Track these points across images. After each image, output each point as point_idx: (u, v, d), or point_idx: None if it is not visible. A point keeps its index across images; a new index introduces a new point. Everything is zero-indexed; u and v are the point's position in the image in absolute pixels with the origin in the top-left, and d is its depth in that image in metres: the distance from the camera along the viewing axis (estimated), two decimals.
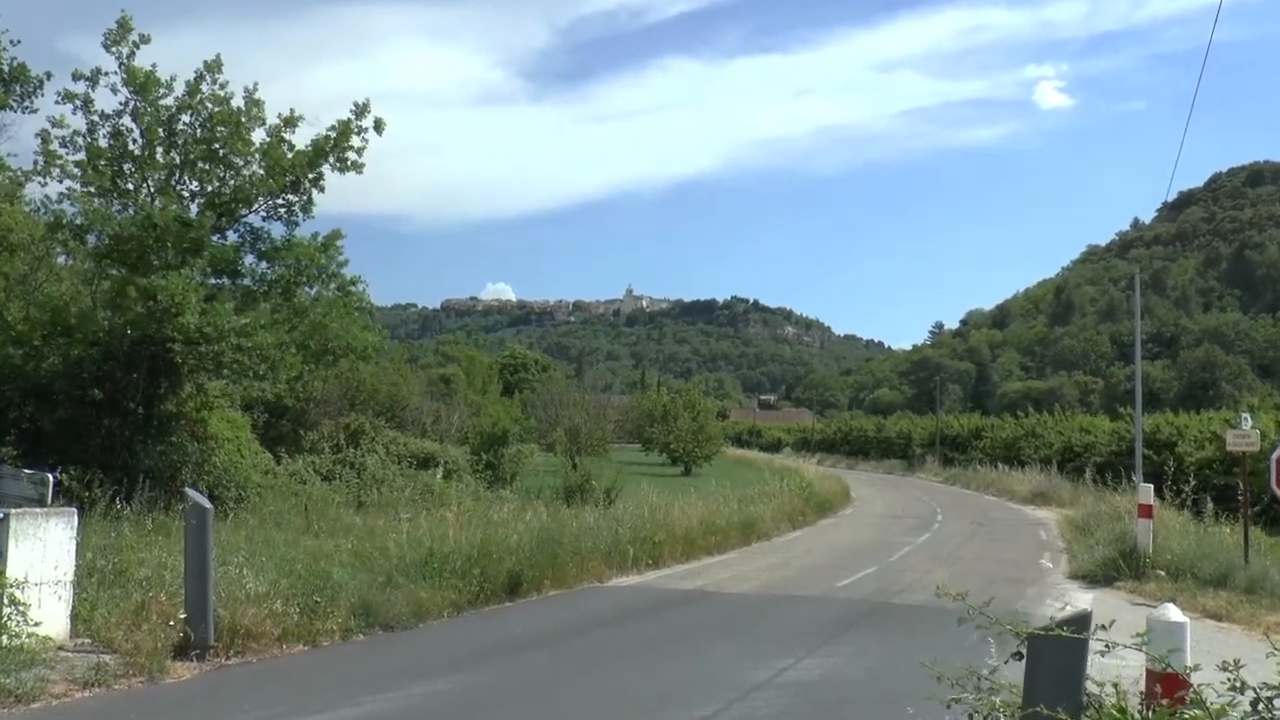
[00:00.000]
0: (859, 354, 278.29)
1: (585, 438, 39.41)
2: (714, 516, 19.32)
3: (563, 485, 21.96)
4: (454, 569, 11.85)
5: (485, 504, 18.43)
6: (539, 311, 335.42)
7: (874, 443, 62.33)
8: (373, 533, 13.56)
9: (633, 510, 17.94)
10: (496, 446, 26.46)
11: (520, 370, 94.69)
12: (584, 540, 14.83)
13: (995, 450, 43.68)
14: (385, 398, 33.81)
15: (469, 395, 57.93)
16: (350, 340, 16.03)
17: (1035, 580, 15.61)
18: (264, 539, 12.31)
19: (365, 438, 22.90)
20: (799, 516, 24.12)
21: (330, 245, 16.48)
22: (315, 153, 15.98)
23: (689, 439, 47.67)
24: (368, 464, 20.97)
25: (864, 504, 31.81)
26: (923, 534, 22.74)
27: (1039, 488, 33.48)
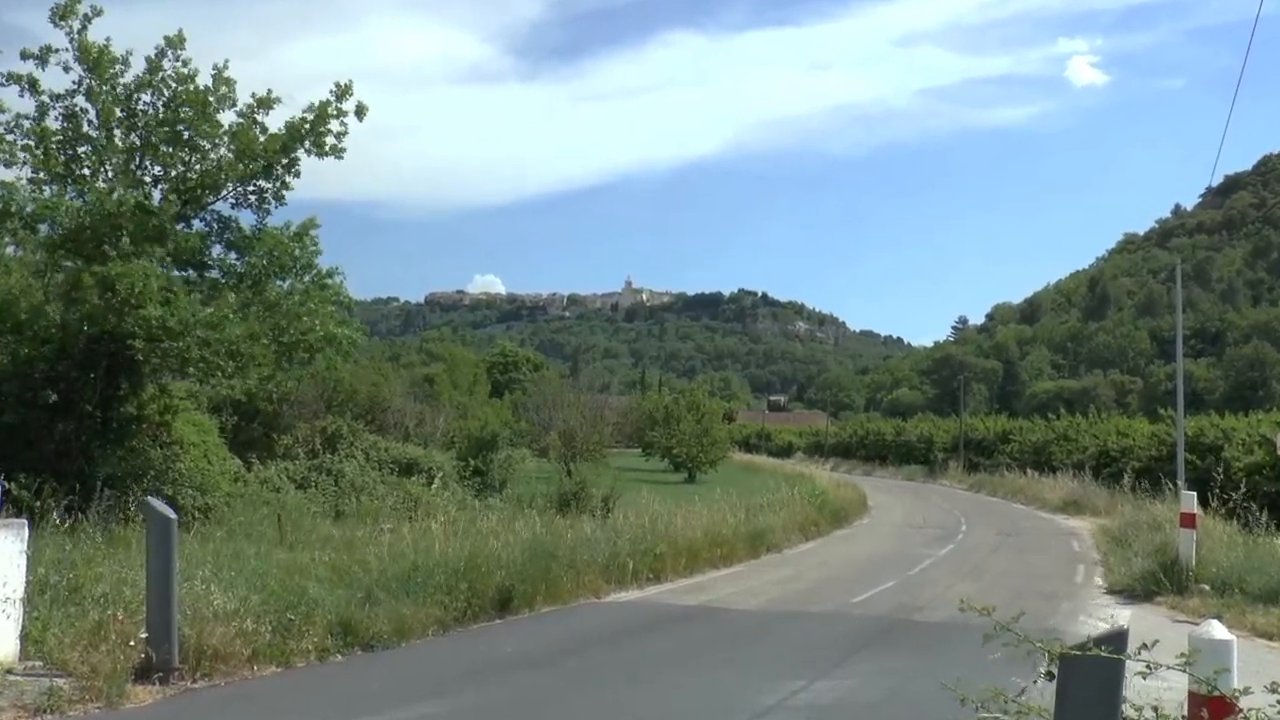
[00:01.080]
0: (876, 351, 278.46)
1: (581, 442, 39.41)
2: (720, 527, 19.31)
3: (557, 493, 21.94)
4: (439, 584, 11.83)
5: (473, 513, 18.40)
6: (531, 306, 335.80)
7: (893, 447, 62.32)
8: (351, 545, 13.54)
9: (632, 520, 17.92)
10: (485, 451, 26.44)
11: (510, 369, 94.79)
12: (580, 552, 14.81)
13: (1024, 455, 43.66)
14: (365, 399, 33.82)
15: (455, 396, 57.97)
16: (326, 336, 16.00)
17: (1068, 595, 15.60)
18: (233, 552, 12.28)
19: (343, 442, 22.87)
20: (811, 526, 24.10)
21: (304, 234, 16.46)
22: (290, 136, 15.95)
23: (693, 443, 47.69)
24: (346, 470, 20.94)
25: (882, 513, 31.78)
26: (945, 545, 22.72)
27: (1071, 495, 33.45)
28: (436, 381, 61.98)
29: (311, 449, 22.00)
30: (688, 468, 47.53)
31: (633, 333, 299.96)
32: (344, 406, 29.47)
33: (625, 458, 52.88)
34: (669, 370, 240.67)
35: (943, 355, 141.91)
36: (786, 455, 79.58)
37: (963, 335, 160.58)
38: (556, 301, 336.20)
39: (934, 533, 25.77)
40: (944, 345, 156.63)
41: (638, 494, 21.92)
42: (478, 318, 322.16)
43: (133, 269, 13.97)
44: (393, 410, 36.48)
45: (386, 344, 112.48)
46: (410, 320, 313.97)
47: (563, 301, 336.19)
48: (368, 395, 34.18)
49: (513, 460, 27.74)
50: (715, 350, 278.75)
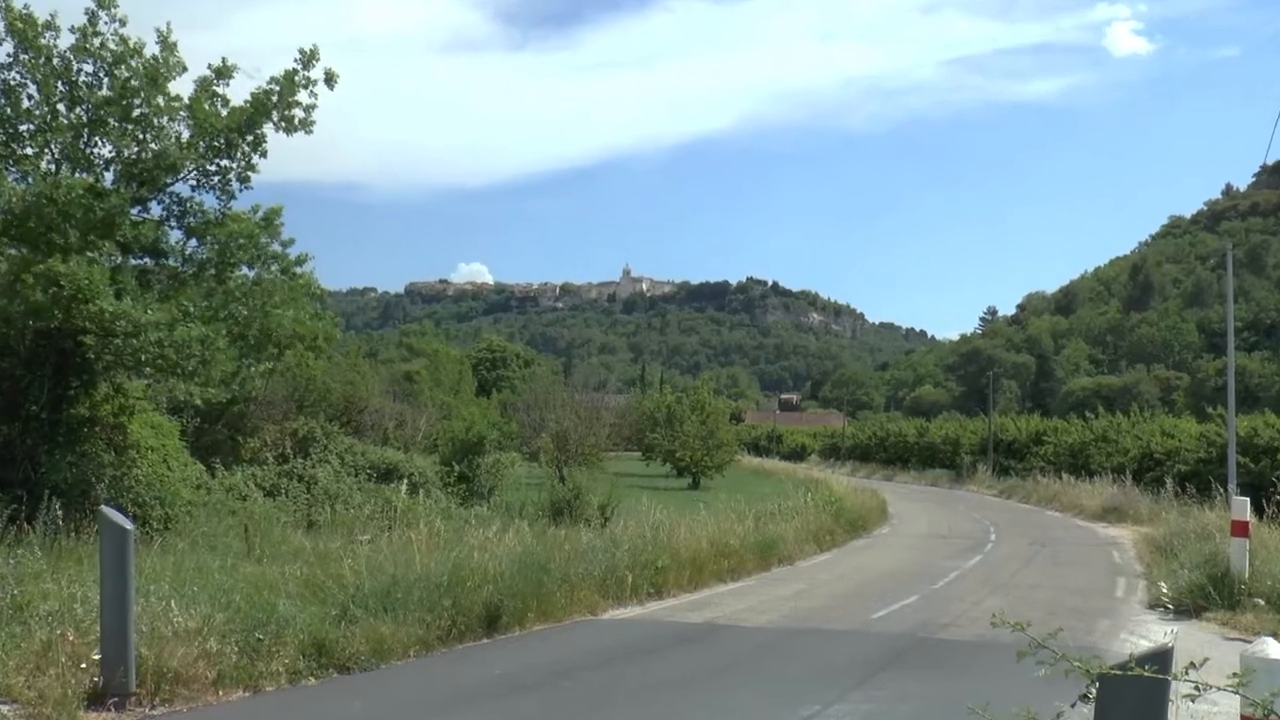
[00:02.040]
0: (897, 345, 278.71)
1: (575, 445, 39.39)
2: (727, 537, 19.33)
3: (549, 501, 21.95)
4: (421, 600, 11.84)
5: (458, 523, 18.39)
6: (520, 296, 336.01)
7: (915, 450, 62.35)
8: (325, 557, 13.53)
9: (632, 530, 17.93)
10: (471, 455, 26.46)
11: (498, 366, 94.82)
12: (575, 566, 14.83)
13: (1059, 458, 43.68)
14: (339, 399, 33.79)
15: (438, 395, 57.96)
16: (297, 331, 16.00)
17: (1107, 611, 15.60)
18: (195, 565, 12.28)
19: (316, 446, 22.86)
20: (827, 537, 24.12)
21: (272, 219, 16.44)
22: (254, 110, 15.91)
23: (697, 446, 47.70)
24: (319, 476, 20.95)
25: (903, 521, 31.81)
26: (973, 556, 22.74)
27: (1111, 502, 33.45)
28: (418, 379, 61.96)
29: (281, 453, 21.99)
30: (692, 473, 47.55)
31: (631, 325, 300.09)
32: (316, 407, 29.45)
33: (624, 462, 52.89)
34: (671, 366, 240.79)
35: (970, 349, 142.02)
36: (799, 459, 79.59)
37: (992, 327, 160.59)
38: (548, 292, 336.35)
39: (960, 543, 25.77)
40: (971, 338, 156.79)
41: (637, 501, 21.92)
42: (462, 309, 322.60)
43: (78, 266, 13.87)
44: (370, 411, 36.46)
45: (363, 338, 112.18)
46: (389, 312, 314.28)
47: (555, 292, 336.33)
48: (342, 394, 34.15)
49: (501, 465, 27.75)
50: (721, 344, 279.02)
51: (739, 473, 52.53)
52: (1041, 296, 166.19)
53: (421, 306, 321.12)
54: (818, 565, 21.03)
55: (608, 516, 20.69)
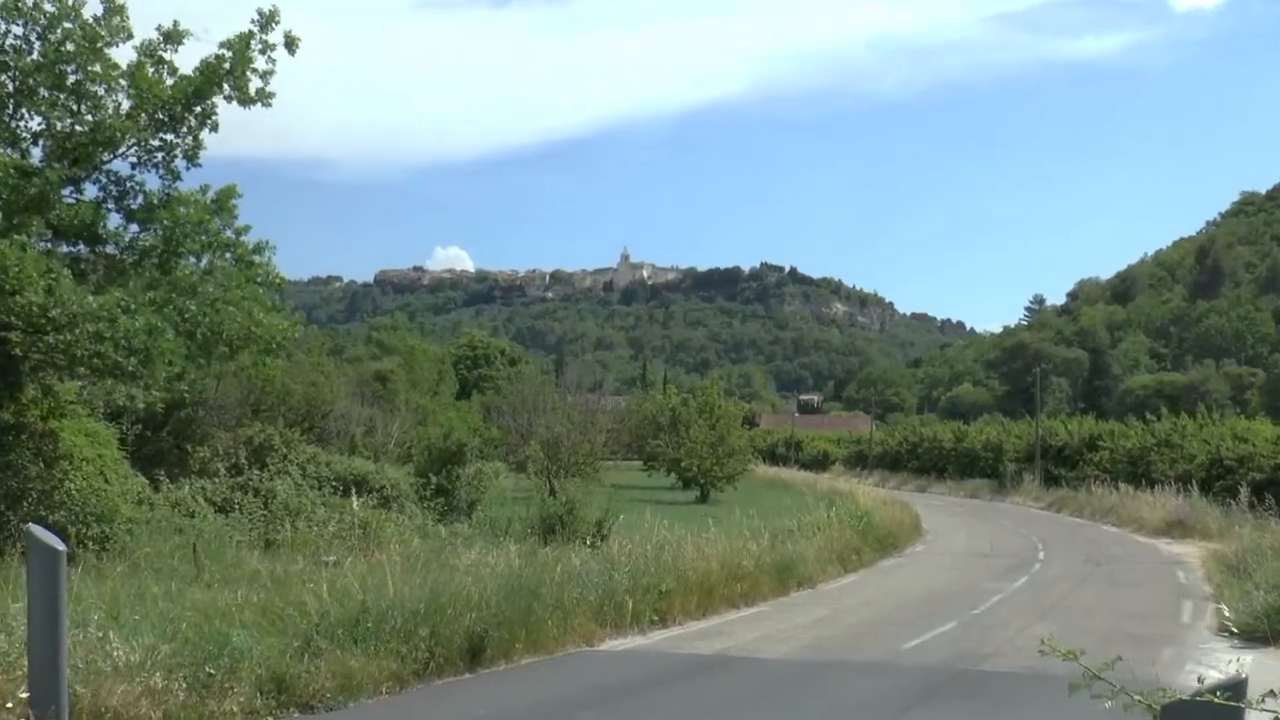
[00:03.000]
0: (931, 339, 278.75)
1: (568, 453, 39.39)
2: (740, 557, 19.33)
3: (539, 517, 21.94)
4: (395, 629, 11.84)
5: (436, 542, 18.40)
6: (505, 286, 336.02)
7: (952, 457, 62.33)
8: (285, 582, 13.53)
9: (632, 549, 17.92)
10: (450, 466, 26.43)
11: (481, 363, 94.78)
12: (568, 590, 14.83)
13: (1116, 465, 43.66)
14: (301, 402, 33.83)
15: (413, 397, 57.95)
16: (252, 326, 15.98)
17: (1172, 638, 15.60)
18: (137, 591, 12.27)
19: (274, 455, 22.87)
20: (852, 556, 24.11)
21: (224, 201, 16.44)
22: (204, 79, 15.89)
23: (706, 454, 47.67)
24: (278, 490, 20.96)
25: (939, 538, 31.81)
26: (1018, 577, 22.73)
27: (1176, 515, 33.43)
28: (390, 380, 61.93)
29: (235, 464, 22.00)
30: (700, 484, 47.52)
31: (631, 318, 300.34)
32: (275, 411, 29.43)
33: (623, 472, 52.86)
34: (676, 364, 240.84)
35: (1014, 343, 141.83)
36: (821, 468, 79.53)
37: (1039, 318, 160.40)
38: (537, 280, 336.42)
39: (1004, 562, 25.76)
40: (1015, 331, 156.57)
41: (639, 517, 21.91)
42: (440, 300, 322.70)
43: (6, 253, 13.85)
44: (335, 416, 36.49)
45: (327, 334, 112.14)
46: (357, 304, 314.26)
47: (544, 280, 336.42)
48: (304, 397, 34.18)
49: (484, 476, 27.73)
50: (733, 339, 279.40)
51: (753, 484, 52.49)
52: (1095, 283, 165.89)
53: (393, 297, 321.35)
54: (842, 588, 21.00)
55: (605, 534, 20.68)
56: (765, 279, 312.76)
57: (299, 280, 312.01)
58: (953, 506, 47.23)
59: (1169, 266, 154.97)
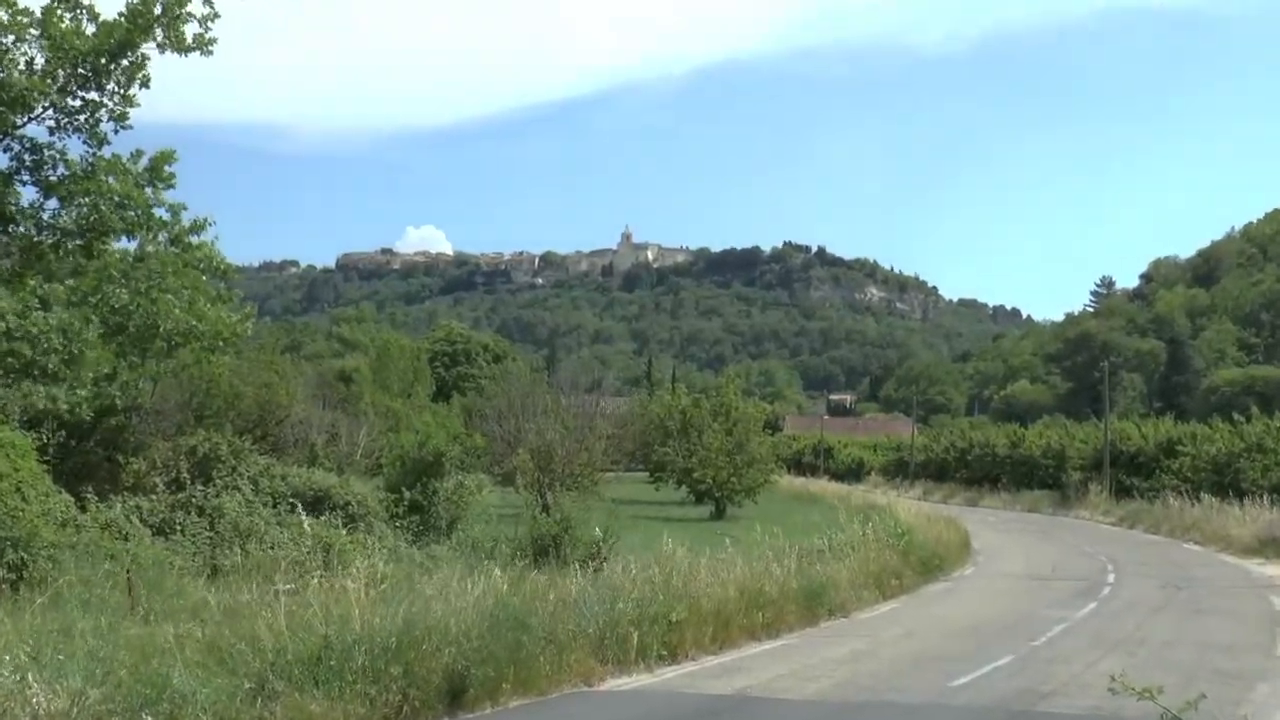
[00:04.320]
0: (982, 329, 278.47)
1: (562, 464, 39.35)
2: (761, 582, 19.33)
3: (529, 537, 21.94)
4: (362, 668, 11.84)
5: (409, 567, 18.36)
6: (488, 270, 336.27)
7: (1007, 465, 62.31)
8: (235, 614, 13.52)
9: (637, 574, 17.89)
10: (425, 478, 26.41)
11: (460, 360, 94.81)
12: (563, 621, 14.84)
13: (1199, 474, 43.59)
14: (252, 406, 33.79)
15: (382, 400, 57.96)
16: (193, 319, 15.95)
17: (1266, 673, 15.57)
18: (61, 627, 12.25)
19: (221, 468, 22.84)
20: (892, 580, 24.13)
21: (160, 171, 16.41)
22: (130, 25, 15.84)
23: (722, 463, 47.64)
24: (226, 508, 20.93)
25: (992, 559, 31.82)
26: (1085, 604, 22.72)
27: (1270, 531, 33.37)
28: (356, 379, 61.98)
29: (175, 478, 21.96)
30: (715, 498, 47.51)
31: (634, 307, 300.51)
32: (222, 417, 29.41)
33: (626, 485, 52.81)
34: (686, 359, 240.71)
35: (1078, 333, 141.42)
36: (855, 479, 79.46)
37: (1107, 304, 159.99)
38: (525, 264, 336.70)
39: (1068, 586, 25.75)
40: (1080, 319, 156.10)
41: (644, 536, 21.92)
42: (412, 288, 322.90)
43: None
44: (293, 422, 36.46)
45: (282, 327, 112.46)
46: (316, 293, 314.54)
47: (533, 264, 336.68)
48: (256, 401, 34.13)
49: (465, 491, 27.70)
50: (752, 330, 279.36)
51: (776, 497, 52.44)
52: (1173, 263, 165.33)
53: (359, 285, 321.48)
54: (880, 617, 21.01)
55: (605, 556, 20.67)
56: (789, 261, 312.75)
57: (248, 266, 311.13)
58: (1008, 522, 47.19)
59: (1260, 243, 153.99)
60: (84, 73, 15.82)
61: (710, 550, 20.53)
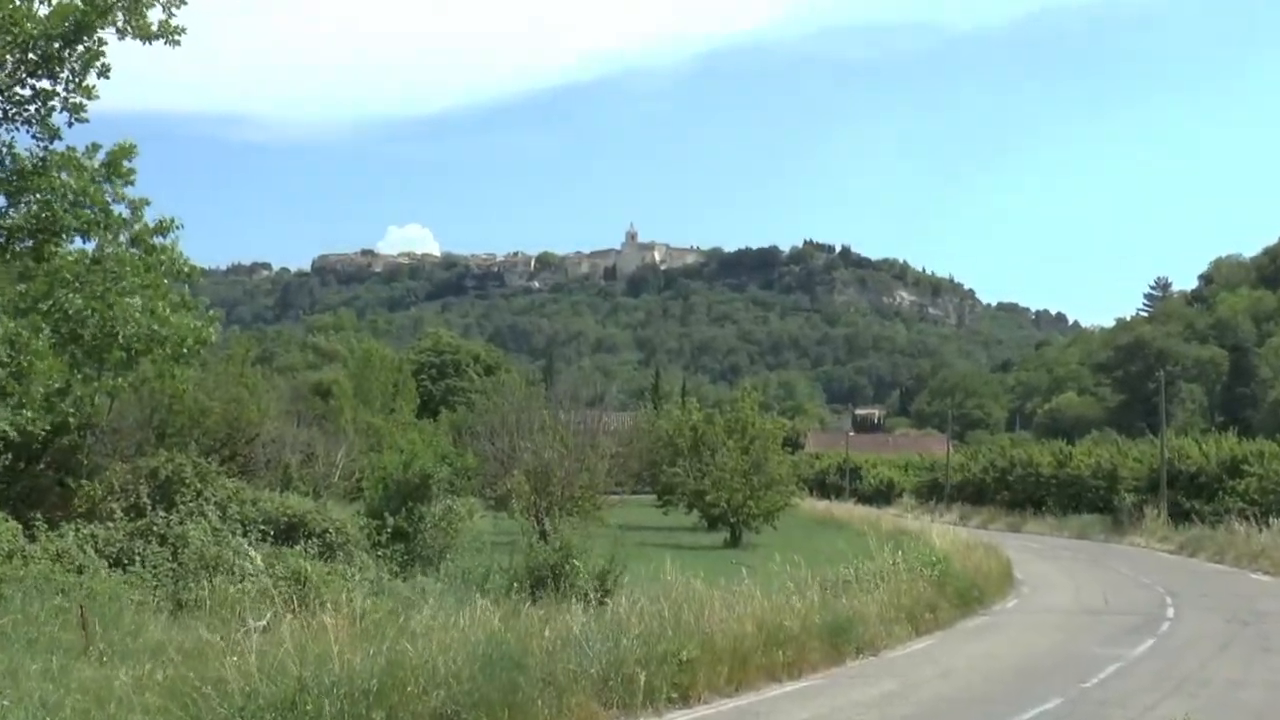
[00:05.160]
0: (1024, 336, 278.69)
1: (562, 486, 39.34)
2: (781, 616, 19.29)
3: (525, 567, 21.91)
4: (340, 714, 11.81)
5: (393, 602, 18.33)
6: (479, 273, 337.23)
7: (1053, 486, 62.22)
8: (200, 654, 13.48)
9: (644, 607, 17.85)
10: (411, 503, 26.39)
11: (449, 372, 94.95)
12: (562, 660, 14.80)
13: (1267, 496, 43.46)
14: (219, 424, 33.81)
15: (362, 416, 58.04)
16: (155, 327, 15.94)
17: None
18: (7, 668, 12.23)
19: (185, 492, 22.84)
20: (926, 614, 24.07)
21: (118, 164, 16.40)
22: (88, 8, 15.85)
23: (737, 485, 47.58)
24: (190, 537, 20.90)
25: (1038, 590, 31.78)
26: (1142, 641, 22.63)
27: None
28: (334, 394, 62.04)
29: (134, 504, 21.96)
30: (730, 524, 47.45)
31: (640, 313, 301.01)
32: (186, 436, 29.44)
33: (632, 509, 52.75)
34: (698, 371, 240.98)
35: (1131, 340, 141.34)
36: (885, 501, 79.38)
37: (1163, 308, 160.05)
38: (519, 265, 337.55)
39: (1122, 621, 25.67)
40: (1133, 324, 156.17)
41: (653, 565, 21.82)
42: (396, 292, 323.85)
43: None
44: (264, 441, 36.48)
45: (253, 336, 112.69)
46: (290, 298, 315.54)
47: (529, 265, 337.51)
48: (224, 418, 34.18)
49: (455, 516, 27.66)
50: (769, 338, 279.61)
51: (798, 522, 52.36)
52: (1237, 263, 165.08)
53: (337, 289, 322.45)
54: (913, 655, 20.94)
55: (609, 588, 20.64)
56: (810, 261, 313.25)
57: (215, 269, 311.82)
58: (1054, 550, 47.09)
59: None
60: (35, 58, 15.83)
61: (725, 581, 20.48)
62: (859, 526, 46.75)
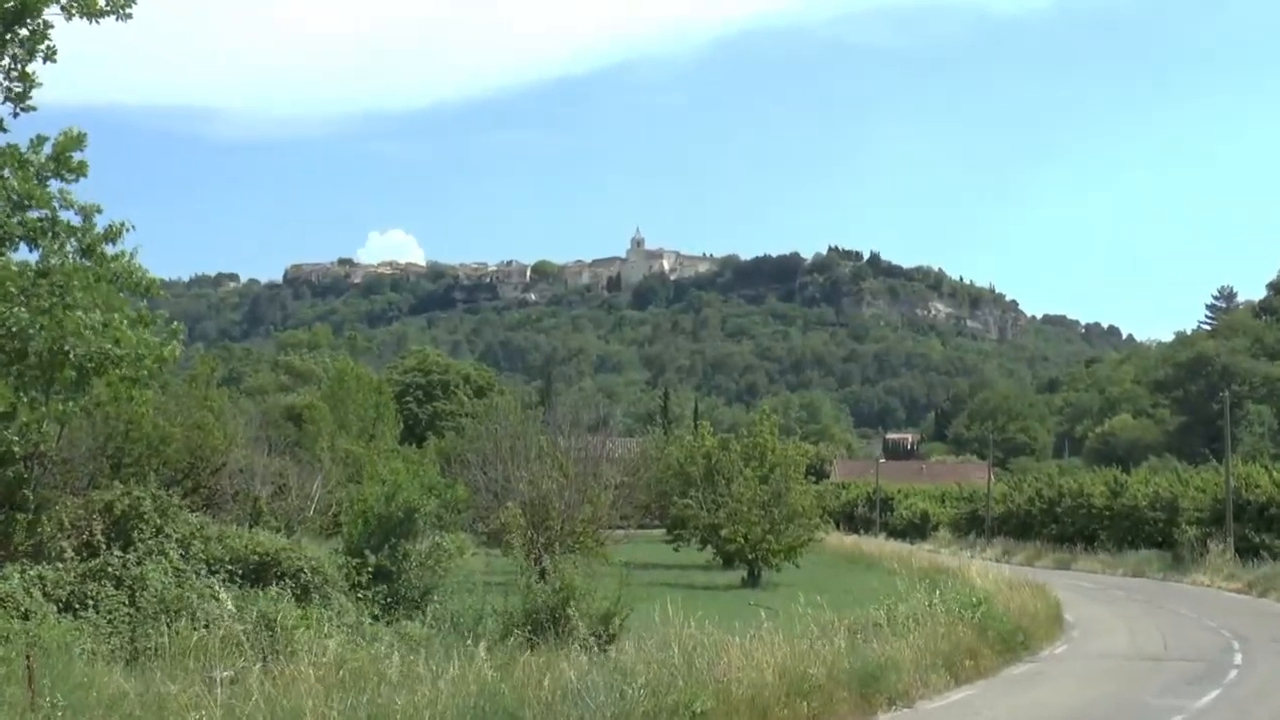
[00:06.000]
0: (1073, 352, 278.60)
1: (561, 520, 39.32)
2: (805, 663, 19.28)
3: (521, 610, 21.91)
4: None
5: (374, 649, 18.30)
6: (469, 284, 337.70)
7: (1106, 519, 62.13)
8: (160, 709, 13.46)
9: (653, 654, 17.86)
10: (394, 539, 26.40)
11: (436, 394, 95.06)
12: (562, 714, 14.85)
13: None
14: (181, 452, 33.80)
15: (340, 443, 57.99)
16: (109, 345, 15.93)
17: None
18: None
19: (144, 528, 22.81)
20: (966, 661, 24.00)
21: (65, 161, 16.41)
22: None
23: (755, 518, 47.54)
24: (149, 578, 20.88)
25: (1089, 634, 31.72)
26: (1206, 690, 22.54)
27: None
28: (309, 418, 62.08)
29: (87, 542, 21.94)
30: (747, 561, 47.40)
31: (647, 327, 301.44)
32: (145, 466, 29.43)
33: (639, 545, 52.69)
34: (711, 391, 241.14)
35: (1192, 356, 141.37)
36: (919, 536, 79.27)
37: (1227, 320, 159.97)
38: (513, 276, 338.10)
39: (1184, 669, 25.60)
40: (1194, 338, 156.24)
41: (662, 607, 21.81)
42: (377, 306, 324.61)
43: None
44: (232, 471, 36.48)
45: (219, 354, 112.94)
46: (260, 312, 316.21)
47: (524, 276, 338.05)
48: (187, 445, 34.18)
49: (443, 554, 27.68)
50: (790, 354, 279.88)
51: (823, 559, 52.30)
52: None
53: (311, 302, 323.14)
54: (952, 707, 20.90)
55: (614, 633, 20.65)
56: (835, 270, 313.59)
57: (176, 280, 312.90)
58: (1108, 589, 46.98)
59: None
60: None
61: (742, 624, 20.46)
62: (890, 564, 46.66)
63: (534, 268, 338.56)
